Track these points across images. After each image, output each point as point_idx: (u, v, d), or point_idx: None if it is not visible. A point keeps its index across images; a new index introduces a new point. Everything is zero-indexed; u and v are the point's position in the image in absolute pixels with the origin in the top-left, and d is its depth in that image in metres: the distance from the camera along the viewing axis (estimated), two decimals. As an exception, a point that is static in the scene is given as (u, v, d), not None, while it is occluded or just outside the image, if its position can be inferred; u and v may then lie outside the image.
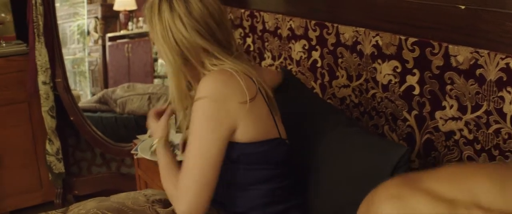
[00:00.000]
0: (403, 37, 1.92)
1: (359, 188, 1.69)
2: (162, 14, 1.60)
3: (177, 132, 2.44)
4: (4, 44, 3.06)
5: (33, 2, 2.89)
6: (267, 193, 1.69)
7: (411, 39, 1.89)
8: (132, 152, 2.54)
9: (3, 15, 3.07)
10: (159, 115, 1.90)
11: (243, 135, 1.60)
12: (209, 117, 1.55)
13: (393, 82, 2.00)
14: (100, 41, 4.73)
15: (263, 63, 2.75)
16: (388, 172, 1.64)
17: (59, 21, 3.26)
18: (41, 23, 2.91)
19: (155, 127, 1.84)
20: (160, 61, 4.87)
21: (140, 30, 4.85)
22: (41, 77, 2.96)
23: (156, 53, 4.83)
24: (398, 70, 1.96)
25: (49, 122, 3.03)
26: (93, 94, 4.58)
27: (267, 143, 1.65)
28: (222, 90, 1.56)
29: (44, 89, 2.98)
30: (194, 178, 1.55)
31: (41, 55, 2.94)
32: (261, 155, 1.65)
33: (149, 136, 2.64)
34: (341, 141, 1.81)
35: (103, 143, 3.29)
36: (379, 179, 1.63)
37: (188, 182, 1.55)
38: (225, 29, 1.66)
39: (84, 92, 4.77)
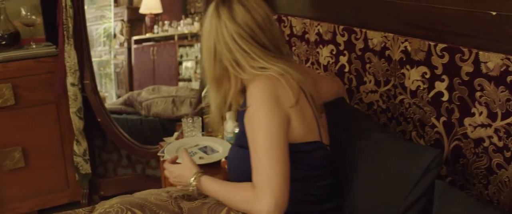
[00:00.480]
0: (432, 43, 1.91)
1: (390, 190, 1.73)
2: (211, 21, 1.70)
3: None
4: (34, 46, 3.10)
5: (63, 4, 2.93)
6: (303, 192, 1.71)
7: (441, 45, 1.88)
8: (159, 154, 2.56)
9: (33, 17, 3.11)
10: (174, 161, 1.97)
11: (294, 132, 1.66)
12: (270, 113, 1.60)
13: (421, 88, 1.99)
14: (126, 44, 4.78)
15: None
16: (419, 174, 1.67)
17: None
18: (70, 25, 2.95)
19: (182, 170, 1.84)
20: (184, 64, 4.90)
21: (165, 34, 4.89)
22: (69, 79, 3.00)
23: (181, 57, 4.87)
24: (427, 76, 1.96)
25: (77, 123, 3.07)
26: (118, 96, 4.63)
27: (308, 145, 1.70)
28: (273, 92, 1.62)
29: (72, 91, 3.02)
30: (273, 171, 1.56)
31: (70, 57, 2.98)
32: (300, 155, 1.68)
33: (176, 139, 2.67)
34: (374, 146, 1.83)
35: (129, 144, 3.32)
36: (409, 181, 1.67)
37: (268, 178, 1.56)
38: (271, 34, 1.72)
39: (110, 94, 4.82)
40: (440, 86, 1.91)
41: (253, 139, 1.61)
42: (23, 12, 3.09)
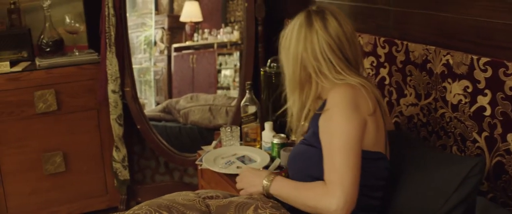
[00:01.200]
0: (475, 57, 1.88)
1: (429, 196, 1.75)
2: (301, 29, 1.77)
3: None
4: (77, 53, 3.17)
5: (106, 13, 2.98)
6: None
7: (484, 59, 1.85)
8: (197, 162, 2.57)
9: (77, 25, 3.17)
10: None
11: (368, 140, 1.71)
12: (350, 116, 1.65)
13: (463, 102, 1.96)
14: (165, 52, 4.82)
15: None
16: (458, 181, 1.71)
17: (128, 31, 3.35)
18: (113, 33, 3.00)
19: (252, 174, 1.92)
20: (223, 72, 4.92)
21: (205, 42, 4.91)
22: (111, 86, 3.05)
23: (220, 65, 4.89)
24: (469, 90, 1.93)
25: (117, 130, 3.11)
26: (157, 103, 4.67)
27: (375, 154, 1.74)
28: (353, 98, 1.69)
29: (113, 98, 3.06)
30: (347, 171, 1.60)
31: (112, 65, 3.03)
32: (366, 162, 1.70)
33: (214, 147, 2.68)
34: (417, 158, 1.82)
35: (167, 152, 3.35)
36: (449, 187, 1.66)
37: (341, 176, 1.60)
38: (355, 49, 1.79)
39: (149, 101, 4.86)
40: (483, 100, 1.87)
41: (329, 139, 1.66)
42: (68, 20, 3.15)
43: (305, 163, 1.79)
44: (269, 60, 2.83)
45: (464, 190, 1.70)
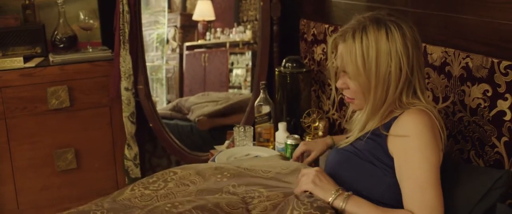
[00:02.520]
0: (495, 60, 1.85)
1: (454, 206, 1.72)
2: (379, 40, 1.68)
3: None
4: (90, 49, 3.16)
5: (121, 10, 2.97)
6: None
7: (505, 63, 1.82)
8: (210, 162, 2.55)
9: (91, 21, 3.17)
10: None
11: None
12: (435, 147, 1.64)
13: (482, 106, 1.93)
14: (178, 50, 4.81)
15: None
16: (482, 192, 1.68)
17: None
18: (127, 30, 2.99)
19: (326, 179, 1.77)
20: (235, 71, 4.91)
21: (217, 41, 4.91)
22: (124, 83, 3.04)
23: (232, 64, 4.88)
24: (489, 94, 1.89)
25: (129, 127, 3.10)
26: (168, 101, 4.67)
27: None
28: (432, 128, 1.67)
29: (126, 95, 3.05)
30: (437, 206, 1.59)
31: (125, 62, 3.02)
32: None
33: (227, 147, 2.67)
34: (442, 172, 1.79)
35: (179, 150, 3.34)
36: (473, 198, 1.64)
37: (430, 203, 1.59)
38: (423, 65, 1.76)
39: (160, 99, 4.86)
40: (503, 105, 1.84)
41: (416, 171, 1.62)
42: (82, 16, 3.15)
43: (357, 176, 1.75)
44: (284, 60, 2.81)
45: (487, 203, 1.67)
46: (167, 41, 4.90)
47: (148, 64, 4.43)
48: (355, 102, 1.81)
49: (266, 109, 2.62)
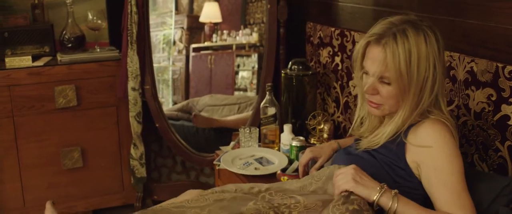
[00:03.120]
0: (500, 65, 1.86)
1: None
2: (419, 44, 1.66)
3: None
4: (98, 49, 3.18)
5: (129, 10, 2.99)
6: None
7: (509, 67, 1.83)
8: (215, 162, 2.57)
9: (99, 22, 3.19)
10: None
11: None
12: (458, 155, 1.67)
13: (486, 110, 1.94)
14: (184, 52, 4.83)
15: (350, 82, 2.74)
16: (489, 200, 1.68)
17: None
18: (134, 31, 3.01)
19: (367, 177, 1.68)
20: (241, 73, 4.92)
21: (223, 43, 4.92)
22: (131, 83, 3.06)
23: (238, 66, 4.89)
24: (493, 98, 1.91)
25: (135, 127, 3.12)
26: (174, 102, 4.68)
27: None
28: (452, 138, 1.68)
29: (133, 95, 3.08)
30: (471, 206, 1.62)
31: (133, 62, 3.04)
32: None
33: (232, 148, 2.68)
34: None
35: (185, 151, 3.36)
36: (479, 206, 1.64)
37: (467, 204, 1.62)
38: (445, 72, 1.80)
39: (166, 100, 4.87)
40: (507, 109, 1.85)
41: (447, 177, 1.64)
42: (90, 17, 3.17)
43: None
44: (290, 63, 2.83)
45: (493, 209, 1.68)
46: (174, 42, 4.92)
47: (154, 65, 4.46)
48: (381, 108, 1.77)
49: (271, 111, 2.64)
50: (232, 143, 2.77)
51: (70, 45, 3.15)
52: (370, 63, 1.72)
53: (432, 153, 1.66)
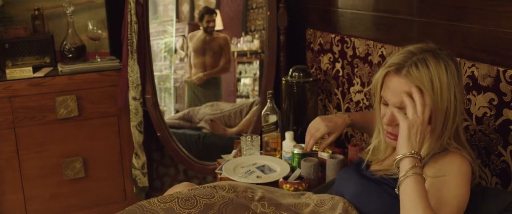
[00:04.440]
0: (501, 69, 1.86)
1: None
2: (441, 73, 1.62)
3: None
4: (99, 59, 3.18)
5: (129, 20, 2.99)
6: None
7: (510, 72, 1.82)
8: (217, 171, 2.57)
9: (99, 31, 3.19)
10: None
11: None
12: (465, 186, 1.61)
13: (488, 115, 1.93)
14: (186, 59, 4.84)
15: (351, 89, 2.73)
16: None
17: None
18: (135, 40, 3.01)
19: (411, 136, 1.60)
20: (243, 80, 4.92)
21: (225, 50, 4.92)
22: (131, 93, 3.06)
23: (239, 73, 4.89)
24: (495, 103, 1.90)
25: (137, 137, 3.12)
26: (176, 111, 4.68)
27: None
28: (469, 176, 1.64)
29: (134, 105, 3.07)
30: None
31: (133, 72, 3.04)
32: None
33: (234, 156, 2.67)
34: None
35: (186, 160, 3.35)
36: None
37: None
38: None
39: (168, 109, 4.88)
40: (509, 113, 1.85)
41: (444, 206, 1.58)
42: (90, 27, 3.17)
43: (383, 208, 1.70)
44: (291, 70, 2.83)
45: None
46: (175, 50, 4.93)
47: (156, 73, 4.47)
48: None
49: (273, 118, 2.63)
50: (233, 151, 2.77)
51: (70, 55, 3.14)
52: (390, 94, 1.68)
53: (442, 181, 1.61)
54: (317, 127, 2.21)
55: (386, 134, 1.76)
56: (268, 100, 2.65)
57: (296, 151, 2.45)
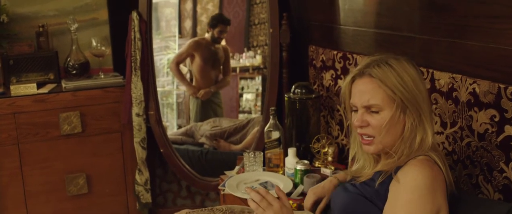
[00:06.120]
0: (502, 86, 1.87)
1: None
2: (406, 68, 1.70)
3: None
4: (102, 76, 3.20)
5: (132, 37, 3.02)
6: None
7: (511, 88, 1.83)
8: (220, 187, 2.57)
9: (103, 48, 3.22)
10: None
11: None
12: (423, 203, 1.58)
13: (490, 131, 1.94)
14: (188, 75, 4.85)
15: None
16: None
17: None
18: (138, 57, 3.04)
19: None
20: (245, 96, 4.93)
21: (227, 66, 4.94)
22: (135, 109, 3.08)
23: (242, 89, 4.90)
24: (496, 119, 1.91)
25: (140, 153, 3.13)
26: (179, 126, 4.69)
27: None
28: (432, 183, 1.60)
29: (137, 121, 3.09)
30: None
31: (137, 88, 3.06)
32: None
33: (237, 173, 2.68)
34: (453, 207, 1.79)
35: (190, 176, 3.36)
36: None
37: None
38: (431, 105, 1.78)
39: (171, 124, 4.89)
40: (510, 130, 1.85)
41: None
42: (94, 43, 3.20)
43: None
44: (293, 86, 2.84)
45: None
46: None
47: (159, 89, 4.48)
48: (375, 142, 1.74)
49: (275, 135, 2.64)
50: (236, 168, 2.77)
51: (74, 72, 3.17)
52: (357, 97, 1.74)
53: (400, 191, 1.62)
54: (306, 197, 2.18)
55: (360, 140, 1.79)
56: (271, 116, 2.66)
57: (298, 167, 2.46)
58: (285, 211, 1.62)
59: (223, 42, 4.48)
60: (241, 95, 4.93)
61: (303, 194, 2.30)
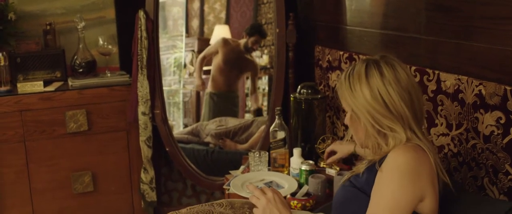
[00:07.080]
0: (508, 88, 1.86)
1: None
2: (370, 79, 1.68)
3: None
4: (109, 74, 3.21)
5: (139, 36, 3.03)
6: None
7: (517, 90, 1.83)
8: (225, 187, 2.57)
9: (110, 47, 3.23)
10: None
11: (425, 208, 1.64)
12: (403, 189, 1.59)
13: (495, 133, 1.93)
14: (195, 74, 4.86)
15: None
16: None
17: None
18: (144, 56, 3.04)
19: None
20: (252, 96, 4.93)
21: (234, 65, 4.94)
22: (141, 108, 3.08)
23: (248, 88, 4.90)
24: (502, 121, 1.90)
25: (146, 152, 3.13)
26: (185, 125, 4.69)
27: None
28: (414, 168, 1.60)
29: (143, 120, 3.09)
30: None
31: (143, 87, 3.06)
32: None
33: (242, 172, 2.68)
34: (450, 201, 1.79)
35: (195, 175, 3.36)
36: None
37: None
38: (421, 103, 1.73)
39: (177, 123, 4.89)
40: (516, 132, 1.85)
41: (377, 205, 1.61)
42: (101, 42, 3.21)
43: (359, 209, 1.71)
44: (299, 86, 2.84)
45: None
46: (185, 65, 4.94)
47: (165, 88, 4.48)
48: (355, 140, 1.84)
49: (281, 135, 2.64)
50: (242, 167, 2.78)
51: (81, 70, 3.18)
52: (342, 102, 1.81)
53: (381, 177, 1.63)
54: (329, 147, 2.39)
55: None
56: (277, 116, 2.66)
57: (304, 167, 2.46)
58: (277, 199, 1.70)
59: (256, 58, 4.44)
60: (247, 94, 4.93)
61: (308, 194, 2.30)
